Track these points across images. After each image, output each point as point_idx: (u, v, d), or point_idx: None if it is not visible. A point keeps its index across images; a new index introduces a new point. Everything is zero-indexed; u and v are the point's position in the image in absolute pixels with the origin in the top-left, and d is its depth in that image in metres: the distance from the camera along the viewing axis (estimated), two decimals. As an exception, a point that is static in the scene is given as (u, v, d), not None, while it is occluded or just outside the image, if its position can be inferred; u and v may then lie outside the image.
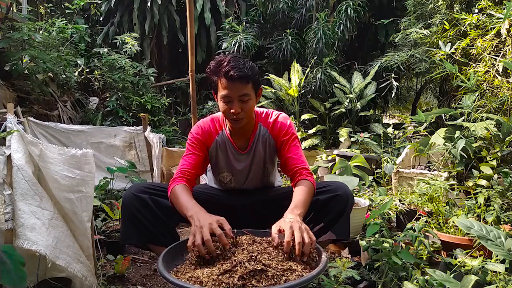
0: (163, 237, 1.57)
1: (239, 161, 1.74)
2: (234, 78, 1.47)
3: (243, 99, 1.52)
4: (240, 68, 1.49)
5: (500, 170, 2.11)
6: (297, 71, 5.03)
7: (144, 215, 1.53)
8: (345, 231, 1.59)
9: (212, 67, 1.56)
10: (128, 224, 1.55)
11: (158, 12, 7.04)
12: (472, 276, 1.20)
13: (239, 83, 1.49)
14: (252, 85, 1.55)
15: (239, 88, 1.50)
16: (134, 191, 1.55)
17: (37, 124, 3.41)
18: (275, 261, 1.19)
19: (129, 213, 1.54)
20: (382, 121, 6.04)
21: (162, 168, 3.30)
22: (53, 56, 3.75)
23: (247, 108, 1.54)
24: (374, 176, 3.13)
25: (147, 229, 1.54)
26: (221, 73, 1.50)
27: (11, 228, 1.43)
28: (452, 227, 1.99)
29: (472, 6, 3.41)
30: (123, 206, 1.56)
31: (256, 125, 1.71)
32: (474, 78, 2.30)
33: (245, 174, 1.76)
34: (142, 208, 1.53)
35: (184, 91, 7.31)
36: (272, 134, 1.70)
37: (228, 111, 1.54)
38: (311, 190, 1.53)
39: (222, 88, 1.52)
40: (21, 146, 1.51)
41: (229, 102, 1.52)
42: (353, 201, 1.65)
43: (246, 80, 1.50)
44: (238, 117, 1.55)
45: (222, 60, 1.53)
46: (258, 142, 1.70)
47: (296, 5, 6.10)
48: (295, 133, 1.70)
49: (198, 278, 1.13)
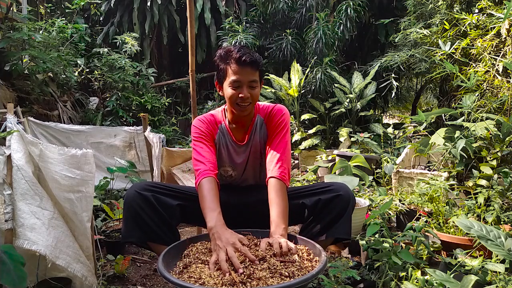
0: (165, 235, 1.56)
1: (238, 154, 1.75)
2: (247, 62, 1.53)
3: (252, 85, 1.58)
4: (251, 54, 1.55)
5: (500, 170, 2.11)
6: (297, 71, 5.03)
7: (146, 213, 1.52)
8: (346, 230, 1.58)
9: (221, 54, 1.60)
10: (129, 222, 1.54)
11: (158, 12, 7.04)
12: (472, 276, 1.20)
13: (250, 68, 1.55)
14: (259, 73, 1.61)
15: (250, 74, 1.56)
16: (136, 189, 1.54)
17: (37, 124, 3.41)
18: (275, 259, 1.19)
19: (131, 211, 1.53)
20: (382, 121, 6.04)
21: (162, 168, 3.30)
22: (53, 56, 3.74)
23: (254, 95, 1.59)
24: (374, 176, 3.13)
25: (149, 227, 1.53)
26: (232, 59, 1.55)
27: (11, 228, 1.43)
28: (452, 227, 1.99)
29: (472, 6, 3.41)
30: (125, 204, 1.55)
31: (255, 118, 1.74)
32: (474, 78, 2.30)
33: (244, 166, 1.78)
34: (145, 206, 1.52)
35: (184, 91, 7.32)
36: (266, 123, 1.74)
37: (236, 96, 1.57)
38: (284, 192, 1.54)
39: (233, 73, 1.56)
40: (21, 146, 1.51)
41: (239, 87, 1.57)
42: (354, 202, 1.66)
43: (256, 66, 1.57)
44: (246, 102, 1.58)
45: (231, 48, 1.58)
46: (255, 133, 1.73)
47: (296, 5, 6.10)
48: (285, 121, 1.71)
49: (199, 278, 1.14)
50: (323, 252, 1.26)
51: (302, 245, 1.36)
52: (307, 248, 1.34)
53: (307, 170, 3.36)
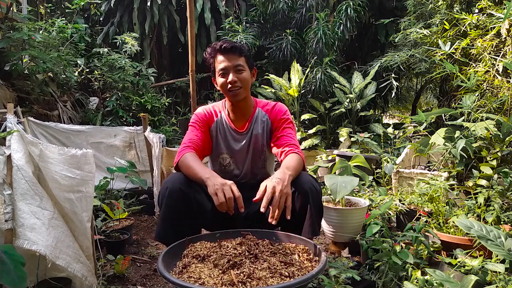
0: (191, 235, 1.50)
1: (237, 141, 1.78)
2: (228, 49, 1.65)
3: (237, 69, 1.67)
4: (232, 42, 1.69)
5: (500, 170, 2.11)
6: (297, 71, 5.03)
7: (184, 214, 1.47)
8: (311, 229, 1.47)
9: (208, 51, 1.73)
10: (167, 222, 1.47)
11: (158, 12, 7.03)
12: (472, 276, 1.20)
13: (232, 54, 1.66)
14: (245, 59, 1.70)
15: (233, 59, 1.66)
16: (181, 186, 1.47)
17: (37, 124, 3.41)
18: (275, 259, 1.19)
19: (171, 210, 1.46)
20: (382, 121, 6.04)
21: (162, 168, 3.30)
22: (53, 56, 3.74)
23: (242, 78, 1.68)
24: (374, 176, 3.13)
25: (183, 230, 1.46)
26: (215, 51, 1.69)
27: (11, 228, 1.43)
28: (452, 227, 1.99)
29: (472, 6, 3.40)
30: (167, 199, 1.45)
31: (255, 109, 1.81)
32: (474, 78, 2.30)
33: (243, 155, 1.79)
34: (184, 206, 1.47)
35: (184, 91, 7.31)
36: (270, 118, 1.80)
37: (225, 83, 1.68)
38: (301, 162, 1.59)
39: (218, 63, 1.68)
40: (21, 146, 1.51)
41: (226, 74, 1.67)
42: (316, 193, 1.49)
43: (238, 52, 1.67)
44: (235, 86, 1.67)
45: (216, 43, 1.72)
46: (256, 122, 1.79)
47: (296, 5, 6.10)
48: (290, 118, 1.80)
49: (199, 278, 1.13)
50: (323, 252, 1.26)
51: (302, 245, 1.36)
52: (307, 248, 1.34)
53: (307, 170, 3.36)
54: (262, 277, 1.12)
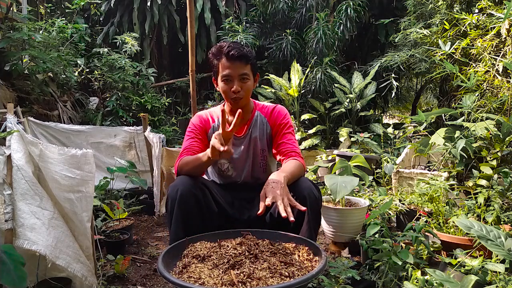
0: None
1: (235, 146, 1.76)
2: (235, 57, 1.59)
3: (242, 77, 1.63)
4: (240, 49, 1.61)
5: (500, 170, 2.11)
6: (297, 71, 5.03)
7: (195, 215, 1.47)
8: (308, 235, 1.45)
9: (213, 51, 1.66)
10: (179, 225, 1.46)
11: (158, 12, 7.04)
12: (472, 276, 1.20)
13: (239, 62, 1.60)
14: (251, 67, 1.66)
15: (239, 67, 1.61)
16: (191, 188, 1.47)
17: (37, 124, 3.41)
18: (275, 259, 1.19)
19: (182, 211, 1.45)
20: (382, 121, 6.04)
21: (162, 168, 3.30)
22: (53, 56, 3.74)
23: (246, 88, 1.64)
24: (374, 176, 3.13)
25: (194, 231, 1.45)
26: (222, 54, 1.62)
27: (11, 228, 1.43)
28: (452, 227, 1.99)
29: (472, 6, 3.40)
30: (179, 201, 1.45)
31: (254, 112, 1.78)
32: (474, 78, 2.30)
33: (242, 160, 1.77)
34: (195, 207, 1.47)
35: (184, 91, 7.31)
36: (269, 121, 1.77)
37: (228, 90, 1.63)
38: (300, 167, 1.57)
39: (223, 68, 1.62)
40: (21, 146, 1.51)
41: (230, 81, 1.63)
42: (315, 198, 1.48)
43: (245, 60, 1.62)
44: (238, 96, 1.63)
45: (223, 44, 1.64)
46: (255, 126, 1.76)
47: (296, 5, 6.10)
48: (290, 122, 1.77)
49: (199, 278, 1.13)
50: (323, 252, 1.26)
51: (302, 245, 1.36)
52: (307, 248, 1.34)
53: (307, 170, 3.36)
54: (262, 277, 1.12)
